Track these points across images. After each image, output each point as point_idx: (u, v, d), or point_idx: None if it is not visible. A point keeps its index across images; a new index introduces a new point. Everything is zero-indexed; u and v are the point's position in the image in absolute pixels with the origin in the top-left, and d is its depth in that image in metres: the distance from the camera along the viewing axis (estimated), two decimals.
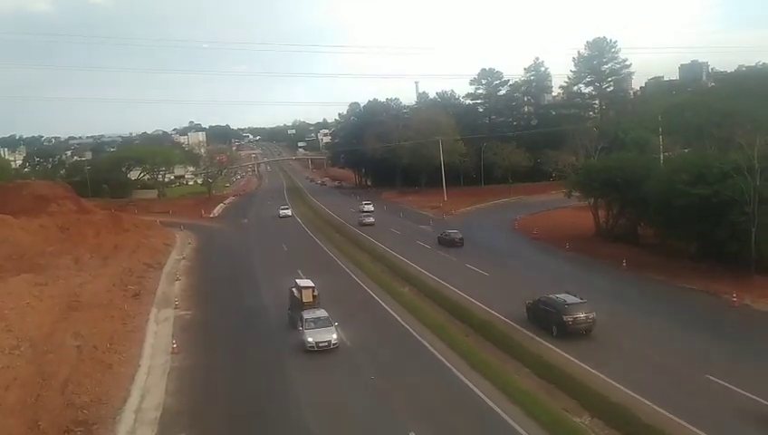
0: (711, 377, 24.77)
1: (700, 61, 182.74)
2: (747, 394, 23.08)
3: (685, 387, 24.44)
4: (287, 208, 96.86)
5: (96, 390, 26.01)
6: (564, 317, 30.34)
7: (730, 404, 22.81)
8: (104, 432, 22.62)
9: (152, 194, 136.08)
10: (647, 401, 22.83)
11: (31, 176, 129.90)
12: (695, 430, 20.82)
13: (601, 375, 25.59)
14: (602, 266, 48.39)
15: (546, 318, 31.63)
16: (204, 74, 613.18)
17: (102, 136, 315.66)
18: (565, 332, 30.27)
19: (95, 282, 45.40)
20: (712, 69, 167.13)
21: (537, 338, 30.79)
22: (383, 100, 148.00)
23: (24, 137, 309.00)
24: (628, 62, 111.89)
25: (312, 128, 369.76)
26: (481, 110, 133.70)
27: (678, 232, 46.32)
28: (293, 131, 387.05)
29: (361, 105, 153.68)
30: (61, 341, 31.30)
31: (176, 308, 40.88)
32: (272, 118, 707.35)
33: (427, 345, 31.02)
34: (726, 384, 24.09)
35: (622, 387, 24.24)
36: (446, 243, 59.18)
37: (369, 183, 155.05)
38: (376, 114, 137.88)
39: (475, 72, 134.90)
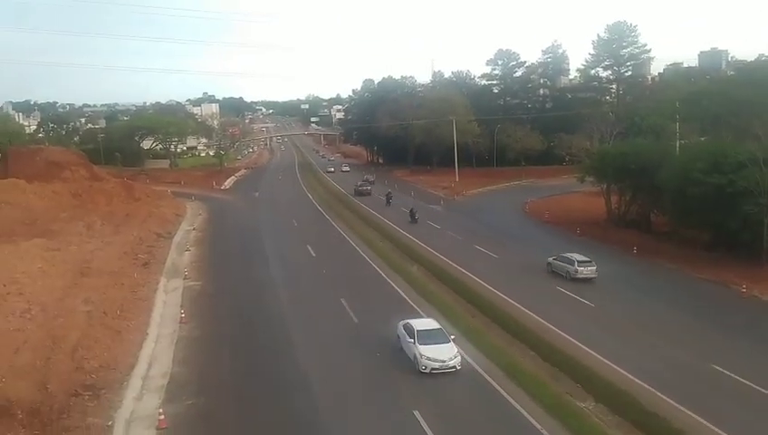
0: (717, 367, 24.75)
1: (720, 48, 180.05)
2: (751, 384, 23.17)
3: (690, 375, 24.43)
4: None
5: (105, 355, 26.34)
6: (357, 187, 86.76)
7: (733, 393, 22.91)
8: (112, 397, 22.91)
9: (164, 164, 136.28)
10: (652, 389, 22.89)
11: (45, 141, 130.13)
12: (693, 415, 20.89)
13: (611, 363, 25.60)
14: (612, 252, 48.14)
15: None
16: (218, 45, 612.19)
17: (116, 104, 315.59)
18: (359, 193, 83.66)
19: (106, 249, 45.79)
20: (732, 57, 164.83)
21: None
22: (398, 77, 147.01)
23: (39, 102, 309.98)
24: (647, 47, 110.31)
25: (325, 103, 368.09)
26: (496, 91, 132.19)
27: (691, 220, 46.07)
28: (307, 106, 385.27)
29: (375, 82, 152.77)
30: (71, 306, 31.66)
31: (185, 278, 41.16)
32: (285, 92, 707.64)
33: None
34: (732, 375, 24.12)
35: (629, 374, 24.29)
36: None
37: (380, 161, 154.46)
38: (390, 91, 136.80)
39: (491, 52, 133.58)
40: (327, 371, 25.48)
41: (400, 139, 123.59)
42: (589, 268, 38.92)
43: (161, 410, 21.59)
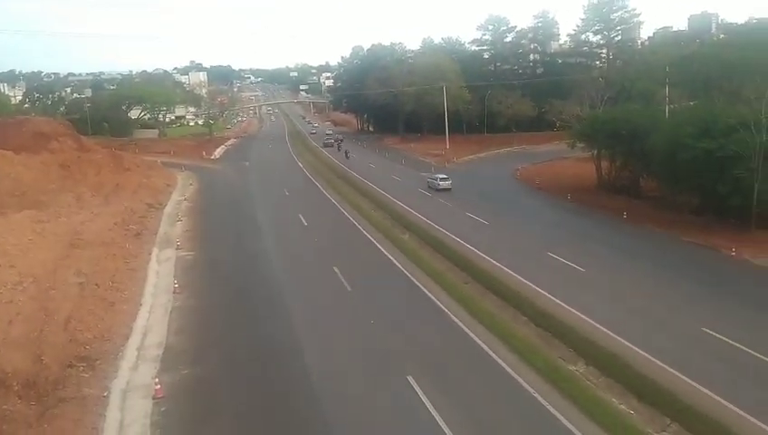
0: (707, 330, 24.99)
1: (710, 11, 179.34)
2: (740, 347, 23.27)
3: (679, 338, 24.58)
4: None
5: (98, 326, 26.38)
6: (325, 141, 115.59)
7: (723, 355, 23.07)
8: (107, 368, 23.01)
9: (153, 134, 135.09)
10: (644, 353, 22.98)
11: (31, 112, 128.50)
12: (683, 377, 21.00)
13: (600, 326, 25.84)
14: (603, 217, 48.43)
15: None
16: (204, 12, 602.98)
17: (102, 73, 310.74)
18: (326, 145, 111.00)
19: (97, 220, 45.58)
20: (722, 20, 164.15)
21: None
22: (387, 44, 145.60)
23: (24, 72, 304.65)
24: (637, 11, 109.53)
25: (314, 71, 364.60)
26: (486, 56, 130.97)
27: (681, 185, 46.17)
28: (296, 74, 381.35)
29: (365, 49, 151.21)
30: (63, 278, 31.58)
31: (177, 249, 41.12)
32: (274, 59, 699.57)
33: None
34: (721, 337, 24.24)
35: (619, 338, 24.43)
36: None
37: (371, 129, 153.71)
38: (379, 58, 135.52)
39: (482, 18, 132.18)
40: (322, 339, 25.69)
41: (390, 106, 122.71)
42: (446, 182, 60.92)
43: (157, 380, 21.70)
